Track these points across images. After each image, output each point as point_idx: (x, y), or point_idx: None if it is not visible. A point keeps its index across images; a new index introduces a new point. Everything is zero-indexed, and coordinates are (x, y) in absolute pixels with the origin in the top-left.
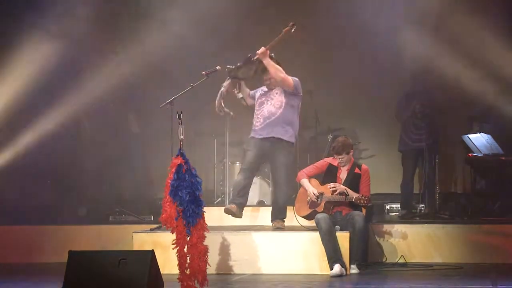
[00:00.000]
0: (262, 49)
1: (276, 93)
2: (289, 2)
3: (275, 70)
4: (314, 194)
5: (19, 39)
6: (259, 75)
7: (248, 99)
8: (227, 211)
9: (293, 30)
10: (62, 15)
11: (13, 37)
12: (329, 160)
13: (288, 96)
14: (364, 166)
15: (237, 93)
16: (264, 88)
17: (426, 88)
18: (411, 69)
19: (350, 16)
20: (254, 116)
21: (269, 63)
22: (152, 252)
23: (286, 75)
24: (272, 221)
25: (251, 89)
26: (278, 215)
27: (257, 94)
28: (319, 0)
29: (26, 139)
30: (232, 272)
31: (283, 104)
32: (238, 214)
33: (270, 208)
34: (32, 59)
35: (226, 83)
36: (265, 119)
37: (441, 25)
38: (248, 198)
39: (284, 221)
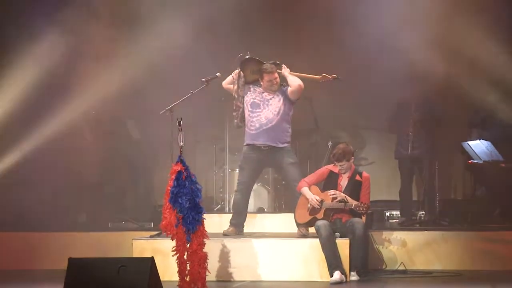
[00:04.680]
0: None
1: (275, 99)
2: (289, 8)
3: (297, 81)
4: (316, 200)
5: (17, 46)
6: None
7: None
8: (226, 235)
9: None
10: (61, 21)
11: (12, 44)
12: (330, 167)
13: (285, 103)
14: (365, 174)
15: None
16: (257, 88)
17: (425, 94)
18: (410, 76)
19: (349, 23)
20: (247, 116)
21: (289, 75)
22: (152, 259)
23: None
24: (298, 227)
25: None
26: None
27: (248, 91)
28: (319, 6)
29: (26, 146)
30: (232, 279)
31: (281, 111)
32: (238, 234)
33: (270, 214)
34: (31, 66)
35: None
36: (262, 125)
37: (440, 31)
38: (248, 205)
39: (307, 228)
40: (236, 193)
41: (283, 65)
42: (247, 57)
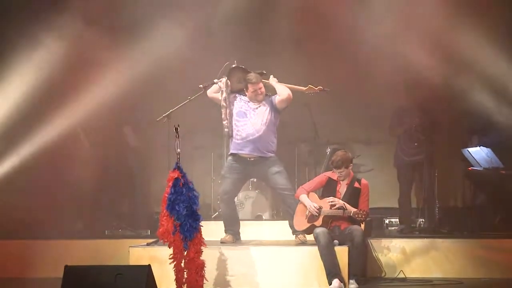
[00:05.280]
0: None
1: (261, 108)
2: (287, 15)
3: (286, 90)
4: (315, 207)
5: (15, 52)
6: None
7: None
8: (224, 243)
9: (312, 92)
10: (59, 27)
11: (9, 50)
12: (328, 174)
13: (272, 112)
14: (363, 181)
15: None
16: (243, 97)
17: (425, 101)
18: (409, 82)
19: (348, 29)
20: (233, 125)
21: (277, 84)
22: (148, 267)
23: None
24: (293, 233)
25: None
26: None
27: (234, 99)
28: (317, 13)
29: (23, 153)
30: (229, 287)
31: (268, 121)
32: (235, 241)
33: (268, 222)
34: (29, 72)
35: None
36: (248, 135)
37: (439, 37)
38: (245, 213)
39: (305, 236)
40: (221, 204)
41: (271, 75)
42: (233, 66)
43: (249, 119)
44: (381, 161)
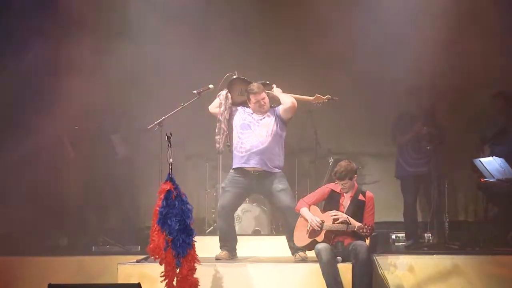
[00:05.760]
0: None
1: (266, 119)
2: (286, 20)
3: (290, 98)
4: (317, 221)
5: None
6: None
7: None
8: (219, 259)
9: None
10: (46, 32)
11: None
12: (331, 186)
13: (278, 123)
14: (368, 193)
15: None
16: (247, 109)
17: (432, 108)
18: (416, 88)
19: (351, 35)
20: (236, 138)
21: (281, 94)
22: (138, 285)
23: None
24: (293, 254)
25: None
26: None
27: (236, 111)
28: (318, 19)
29: (3, 162)
30: None
31: (273, 132)
32: (231, 258)
33: (267, 237)
34: (13, 76)
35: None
36: (253, 146)
37: (450, 40)
38: (242, 227)
39: (305, 252)
40: (218, 219)
41: (273, 85)
42: (234, 77)
43: (253, 131)
44: (387, 172)
